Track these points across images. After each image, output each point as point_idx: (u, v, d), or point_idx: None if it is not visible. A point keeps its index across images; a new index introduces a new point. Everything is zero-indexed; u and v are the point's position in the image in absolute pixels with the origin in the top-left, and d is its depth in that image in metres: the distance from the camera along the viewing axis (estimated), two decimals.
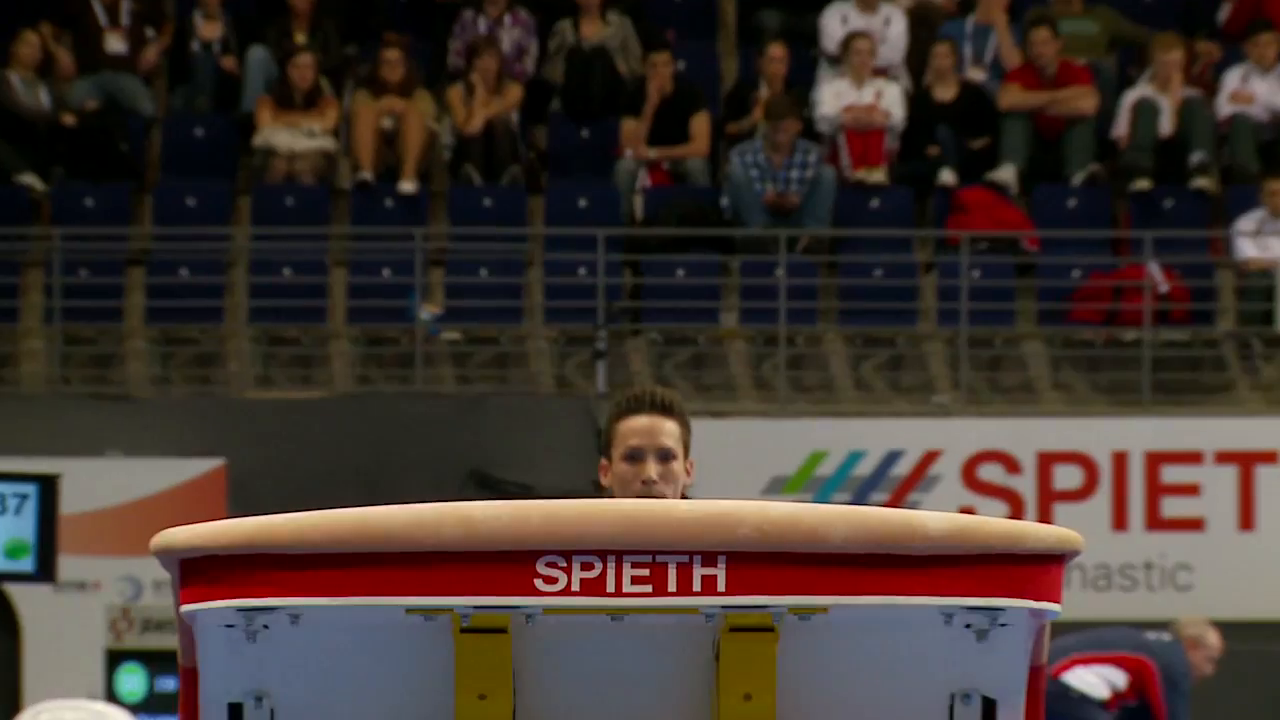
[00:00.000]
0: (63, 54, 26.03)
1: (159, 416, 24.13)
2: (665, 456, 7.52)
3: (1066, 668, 19.06)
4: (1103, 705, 19.11)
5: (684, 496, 7.60)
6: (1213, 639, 19.80)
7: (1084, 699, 19.03)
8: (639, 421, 7.58)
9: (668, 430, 7.58)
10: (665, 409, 7.63)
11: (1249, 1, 26.64)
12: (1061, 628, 11.11)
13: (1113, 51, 26.44)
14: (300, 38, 25.90)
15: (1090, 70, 26.21)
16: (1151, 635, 19.50)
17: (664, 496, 7.46)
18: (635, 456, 7.52)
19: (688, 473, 7.62)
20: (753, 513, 6.30)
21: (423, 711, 6.35)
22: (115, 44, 26.15)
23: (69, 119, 25.84)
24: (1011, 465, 24.15)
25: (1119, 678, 19.14)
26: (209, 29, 26.28)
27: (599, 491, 7.76)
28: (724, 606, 6.22)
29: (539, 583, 6.19)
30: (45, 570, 19.38)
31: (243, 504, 20.46)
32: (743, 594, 6.20)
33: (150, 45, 26.38)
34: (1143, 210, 25.68)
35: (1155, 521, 24.13)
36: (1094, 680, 19.05)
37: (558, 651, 6.30)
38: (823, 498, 23.27)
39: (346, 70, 26.13)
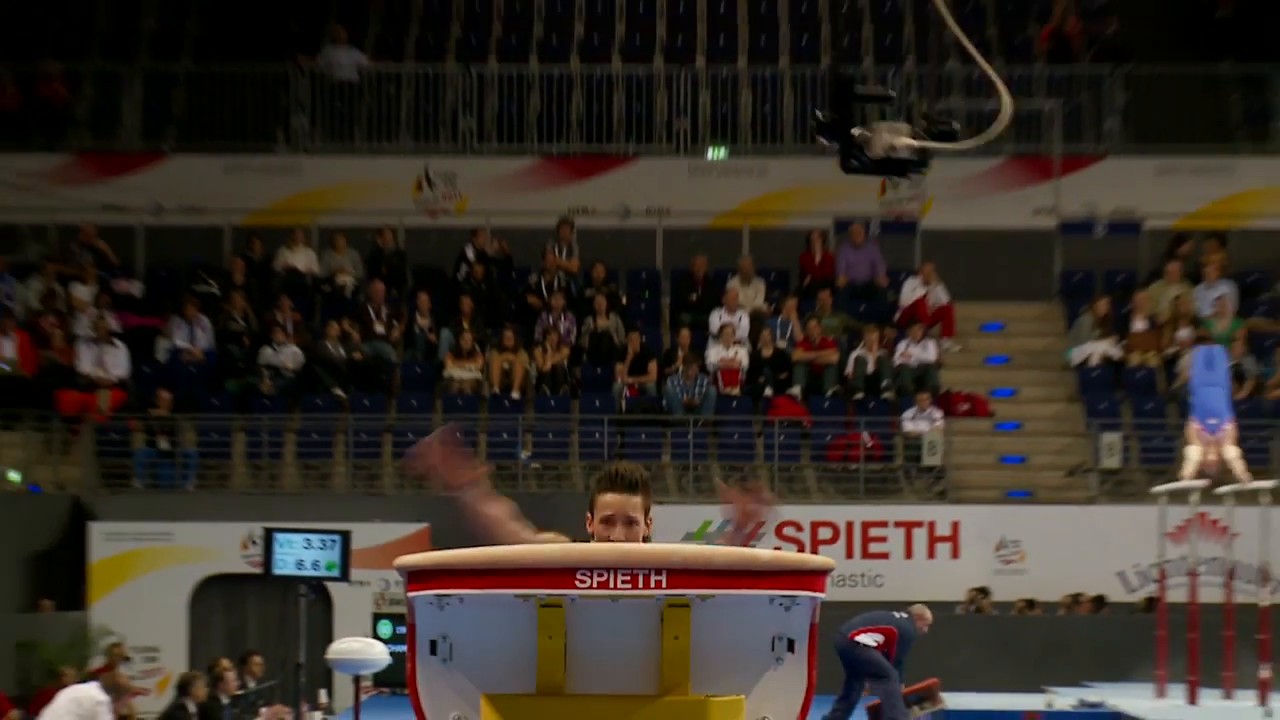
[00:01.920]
0: (353, 333, 25.88)
1: (398, 503, 23.92)
2: (630, 523, 6.79)
3: (856, 634, 18.85)
4: (876, 648, 18.93)
5: (647, 539, 6.86)
6: (929, 615, 19.62)
7: (866, 648, 18.82)
8: (612, 497, 6.82)
9: (633, 504, 6.79)
10: (632, 488, 6.81)
11: (909, 310, 26.50)
12: (840, 608, 11.17)
13: (846, 333, 26.29)
14: (465, 325, 25.79)
15: (835, 342, 26.07)
16: (897, 614, 19.28)
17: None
18: (608, 521, 6.82)
19: (647, 525, 6.85)
20: (678, 550, 6.30)
21: (521, 645, 6.27)
22: (379, 327, 26.03)
23: (356, 359, 25.71)
24: (798, 527, 23.96)
25: (881, 638, 18.94)
26: (422, 321, 26.18)
27: (587, 537, 6.96)
28: (665, 595, 6.17)
29: (577, 583, 6.17)
30: (344, 575, 19.21)
31: (437, 545, 20.32)
32: (674, 589, 6.17)
33: (396, 328, 26.26)
34: (859, 408, 25.53)
35: (865, 554, 23.92)
36: (870, 640, 18.83)
37: (586, 616, 6.22)
38: (709, 542, 23.09)
39: (487, 341, 25.99)
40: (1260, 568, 19.51)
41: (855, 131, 9.27)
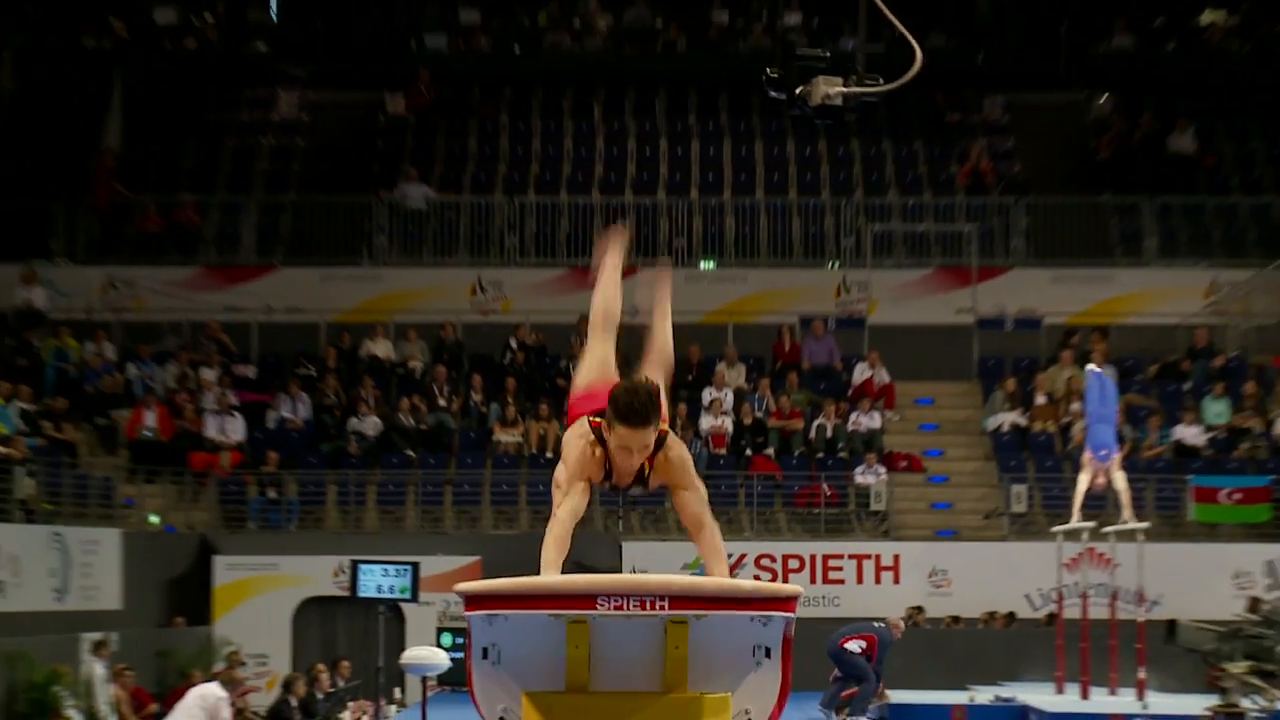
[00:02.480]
0: (421, 406, 25.85)
1: (457, 541, 23.83)
2: (642, 449, 6.38)
3: (844, 642, 18.62)
4: (860, 653, 18.68)
5: (661, 439, 6.45)
6: (901, 625, 19.50)
7: (853, 654, 18.60)
8: (626, 431, 6.37)
9: (646, 435, 6.36)
10: (644, 422, 6.36)
11: (859, 388, 26.42)
12: (808, 624, 11.25)
13: (809, 406, 26.23)
14: (510, 400, 25.75)
15: (801, 413, 26.01)
16: (876, 624, 19.10)
17: (637, 466, 6.46)
18: (624, 449, 6.41)
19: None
20: (677, 580, 6.22)
21: (553, 653, 6.20)
22: (442, 402, 25.98)
23: (423, 428, 25.65)
24: (772, 559, 23.84)
25: (864, 644, 18.70)
26: (476, 397, 26.13)
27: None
28: (667, 614, 6.09)
29: (598, 606, 6.07)
30: (414, 597, 19.12)
31: (488, 575, 20.22)
32: (675, 610, 6.08)
33: (455, 403, 26.21)
34: (820, 465, 25.45)
35: (826, 580, 23.77)
36: (855, 647, 18.60)
37: (605, 630, 6.14)
38: (702, 573, 22.92)
39: (527, 412, 25.93)
40: (1137, 591, 19.40)
41: (798, 89, 9.09)
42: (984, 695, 20.16)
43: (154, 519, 24.40)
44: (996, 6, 33.21)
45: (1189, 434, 25.60)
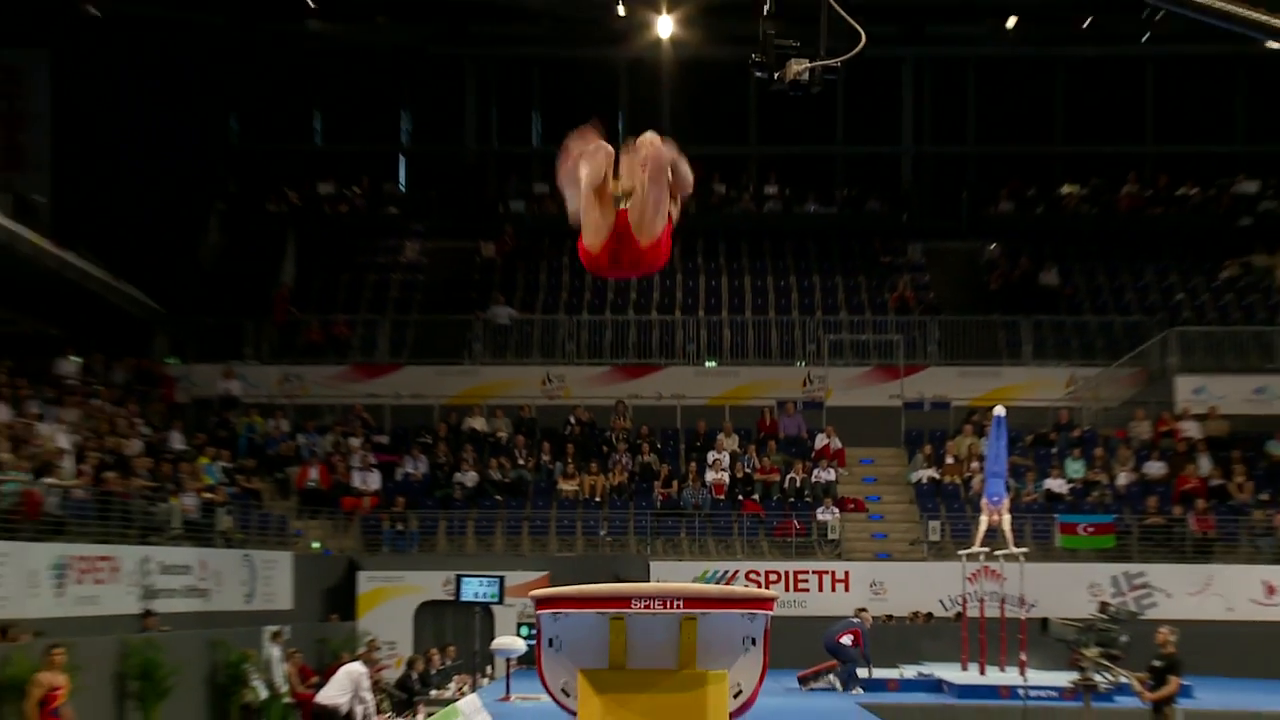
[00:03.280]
0: (506, 464, 25.74)
1: (531, 561, 23.59)
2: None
3: (839, 637, 18.44)
4: (850, 645, 18.49)
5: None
6: (869, 617, 19.34)
7: (844, 646, 18.40)
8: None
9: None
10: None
11: (820, 451, 26.27)
12: (786, 621, 11.63)
13: (784, 464, 26.02)
14: (569, 460, 25.58)
15: (778, 469, 25.80)
16: (855, 619, 18.95)
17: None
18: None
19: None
20: (690, 587, 6.27)
21: (599, 641, 6.21)
22: (521, 461, 25.82)
23: (507, 480, 25.52)
24: (757, 574, 23.66)
25: (853, 636, 18.51)
26: (545, 458, 25.96)
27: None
28: (682, 612, 6.11)
29: (633, 606, 6.09)
30: (501, 601, 19.04)
31: (553, 584, 20.11)
32: (688, 609, 6.10)
33: (530, 462, 26.04)
34: (792, 506, 25.28)
35: (796, 590, 23.57)
36: (847, 640, 18.43)
37: (637, 625, 6.16)
38: (707, 582, 22.76)
39: (582, 469, 25.78)
40: (1019, 597, 19.29)
41: (776, 72, 8.97)
42: (910, 671, 20.00)
43: (316, 545, 24.40)
44: (917, 180, 33.58)
45: (1056, 485, 25.50)
